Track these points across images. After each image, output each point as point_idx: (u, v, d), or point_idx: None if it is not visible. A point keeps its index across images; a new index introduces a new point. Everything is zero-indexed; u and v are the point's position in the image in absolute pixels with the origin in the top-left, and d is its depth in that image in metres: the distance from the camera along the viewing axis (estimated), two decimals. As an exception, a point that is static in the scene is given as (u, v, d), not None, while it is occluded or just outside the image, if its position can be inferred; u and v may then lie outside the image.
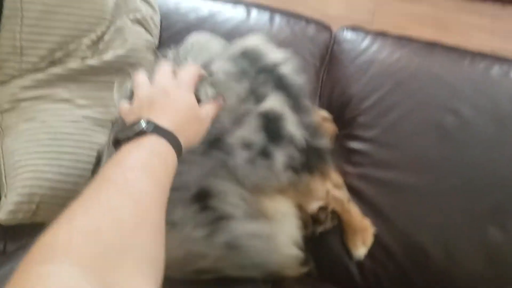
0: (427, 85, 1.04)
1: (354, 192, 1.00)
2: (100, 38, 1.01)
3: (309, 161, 0.79)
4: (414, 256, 0.96)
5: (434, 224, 0.95)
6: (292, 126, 0.76)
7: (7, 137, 0.89)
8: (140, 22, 1.06)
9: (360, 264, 0.98)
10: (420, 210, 0.97)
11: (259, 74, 0.76)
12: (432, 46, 1.12)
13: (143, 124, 0.57)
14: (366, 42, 1.14)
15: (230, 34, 1.12)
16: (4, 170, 0.85)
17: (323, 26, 1.20)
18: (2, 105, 0.92)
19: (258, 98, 0.75)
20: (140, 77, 0.70)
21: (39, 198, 0.84)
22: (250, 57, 0.78)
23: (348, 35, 1.18)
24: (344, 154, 1.05)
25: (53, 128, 0.89)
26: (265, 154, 0.74)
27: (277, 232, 0.79)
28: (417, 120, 1.02)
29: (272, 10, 1.20)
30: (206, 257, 0.73)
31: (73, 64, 0.97)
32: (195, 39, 0.88)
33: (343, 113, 1.08)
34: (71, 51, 0.98)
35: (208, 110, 0.70)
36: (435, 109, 1.02)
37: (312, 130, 0.80)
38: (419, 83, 1.05)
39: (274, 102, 0.75)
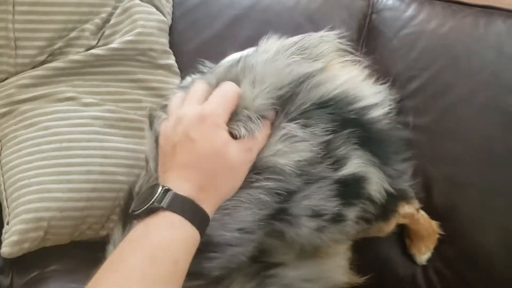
0: (487, 60, 0.89)
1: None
2: (105, 22, 0.87)
3: (387, 207, 0.68)
4: (475, 263, 0.85)
5: (499, 227, 0.84)
6: (374, 186, 0.63)
7: (6, 149, 0.77)
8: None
9: (413, 274, 0.88)
10: (483, 211, 0.85)
11: (343, 129, 0.58)
12: (489, 12, 0.96)
13: (158, 194, 0.50)
14: (411, 9, 0.97)
15: (252, 7, 0.97)
16: (5, 190, 0.74)
17: (360, -8, 1.03)
18: (-3, 109, 0.79)
19: (338, 161, 0.58)
20: (163, 123, 0.58)
21: (47, 223, 0.72)
22: (336, 105, 0.59)
23: (389, 2, 1.01)
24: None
25: (57, 135, 0.76)
26: (336, 219, 0.61)
27: (329, 269, 0.71)
28: (478, 104, 0.87)
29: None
30: None
31: (76, 55, 0.83)
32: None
33: (387, 96, 0.94)
34: (73, 39, 0.84)
35: (242, 150, 0.54)
36: (499, 90, 0.87)
37: (398, 175, 0.67)
38: (479, 58, 0.90)
39: (357, 165, 0.59)
